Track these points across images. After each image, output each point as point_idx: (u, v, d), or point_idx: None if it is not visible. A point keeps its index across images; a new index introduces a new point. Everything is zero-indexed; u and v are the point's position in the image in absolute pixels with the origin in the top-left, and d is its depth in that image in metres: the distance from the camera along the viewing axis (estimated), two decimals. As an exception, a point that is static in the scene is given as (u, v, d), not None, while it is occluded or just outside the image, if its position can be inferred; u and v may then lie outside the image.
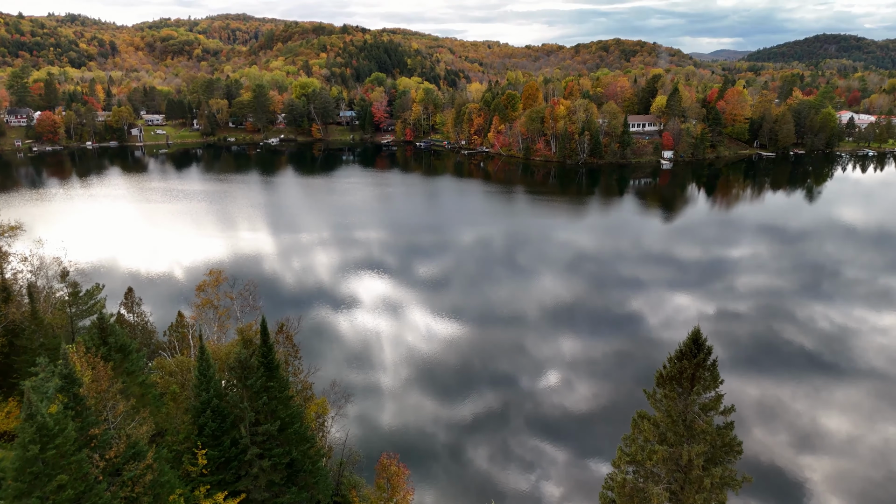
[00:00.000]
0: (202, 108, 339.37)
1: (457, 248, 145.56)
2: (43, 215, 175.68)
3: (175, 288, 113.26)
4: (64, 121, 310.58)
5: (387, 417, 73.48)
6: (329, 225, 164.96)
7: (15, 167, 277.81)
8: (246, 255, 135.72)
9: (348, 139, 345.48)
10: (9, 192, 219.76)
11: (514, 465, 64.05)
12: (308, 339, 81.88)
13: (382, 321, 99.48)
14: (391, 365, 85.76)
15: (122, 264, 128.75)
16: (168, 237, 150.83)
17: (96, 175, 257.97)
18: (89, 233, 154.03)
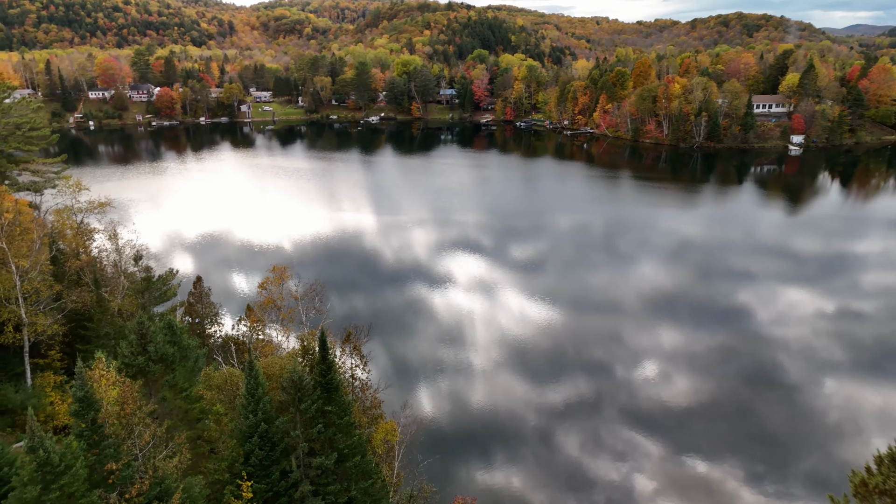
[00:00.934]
0: (307, 86, 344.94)
1: (554, 234, 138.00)
2: (151, 189, 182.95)
3: (254, 274, 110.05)
4: (180, 97, 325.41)
5: (469, 416, 69.66)
6: (423, 208, 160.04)
7: (136, 140, 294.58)
8: (333, 239, 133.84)
9: (447, 118, 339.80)
10: (129, 165, 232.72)
11: (606, 455, 62.73)
12: (382, 344, 78.30)
13: (468, 318, 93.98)
14: (476, 364, 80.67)
15: (206, 245, 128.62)
16: (260, 217, 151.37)
17: (208, 150, 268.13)
18: (184, 210, 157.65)
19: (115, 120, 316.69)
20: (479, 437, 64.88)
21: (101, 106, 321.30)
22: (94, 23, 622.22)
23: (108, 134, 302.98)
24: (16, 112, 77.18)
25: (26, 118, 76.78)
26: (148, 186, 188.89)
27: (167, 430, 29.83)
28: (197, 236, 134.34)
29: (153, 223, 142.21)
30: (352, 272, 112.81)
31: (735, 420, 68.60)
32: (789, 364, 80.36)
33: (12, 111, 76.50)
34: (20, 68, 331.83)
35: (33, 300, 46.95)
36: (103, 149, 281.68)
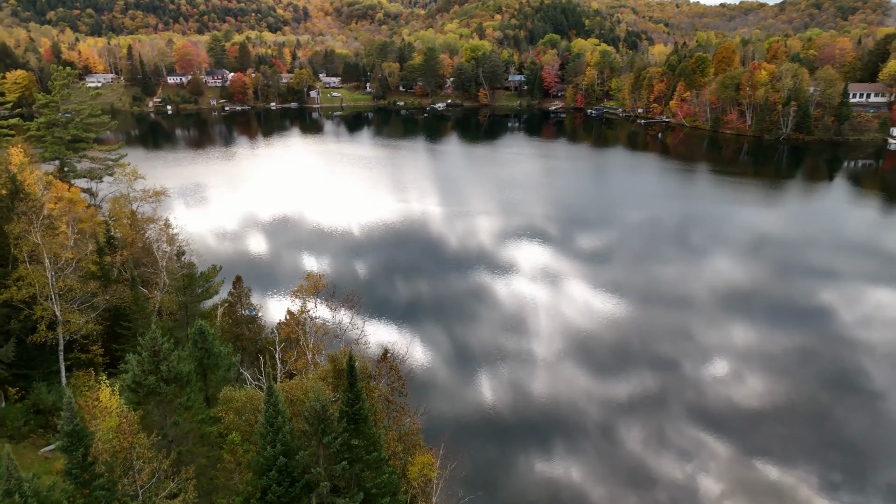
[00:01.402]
0: (375, 72, 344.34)
1: (622, 226, 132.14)
2: (219, 174, 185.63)
3: (309, 269, 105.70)
4: (253, 82, 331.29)
5: (527, 405, 68.00)
6: (486, 200, 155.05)
7: (210, 125, 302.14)
8: (394, 229, 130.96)
9: (515, 105, 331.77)
10: (202, 149, 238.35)
11: (670, 453, 60.60)
12: (426, 359, 74.76)
13: (530, 308, 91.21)
14: (537, 355, 78.49)
15: (263, 235, 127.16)
16: (323, 205, 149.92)
17: (277, 135, 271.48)
18: (246, 198, 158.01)
19: (191, 104, 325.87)
20: (540, 427, 64.12)
21: (178, 91, 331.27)
22: (177, 9, 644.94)
23: (184, 118, 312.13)
24: (75, 99, 77.29)
25: (85, 105, 76.82)
26: (217, 171, 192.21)
27: (174, 464, 26.81)
28: (256, 225, 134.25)
29: (213, 210, 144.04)
30: (411, 262, 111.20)
31: (812, 425, 64.90)
32: (874, 369, 74.74)
33: (72, 97, 76.59)
34: (105, 53, 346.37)
35: (69, 297, 45.51)
36: (179, 132, 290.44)
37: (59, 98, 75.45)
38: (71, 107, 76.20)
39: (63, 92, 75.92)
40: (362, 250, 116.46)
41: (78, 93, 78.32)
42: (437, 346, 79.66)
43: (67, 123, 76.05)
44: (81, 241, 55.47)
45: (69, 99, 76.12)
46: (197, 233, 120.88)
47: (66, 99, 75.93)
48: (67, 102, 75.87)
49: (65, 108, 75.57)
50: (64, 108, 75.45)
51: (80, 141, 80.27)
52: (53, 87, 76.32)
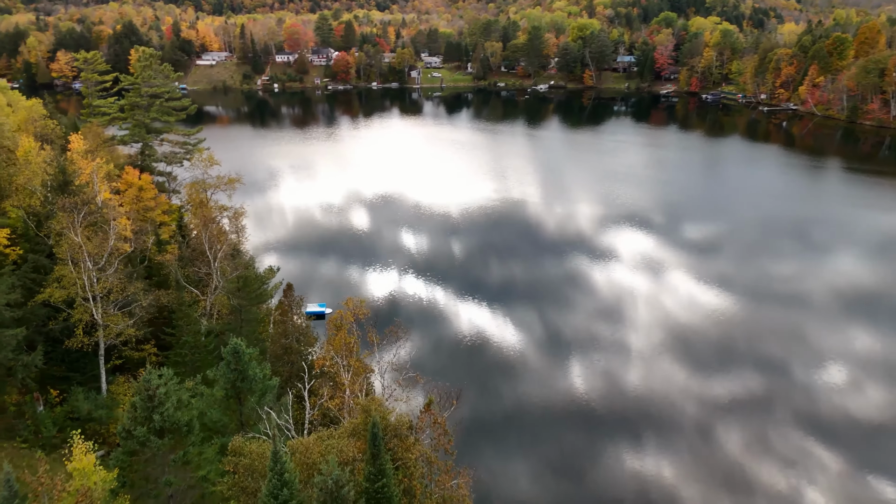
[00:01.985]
0: (477, 51, 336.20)
1: (735, 220, 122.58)
2: (315, 154, 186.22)
3: (365, 278, 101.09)
4: (356, 61, 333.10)
5: (620, 397, 65.86)
6: (586, 191, 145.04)
7: (314, 103, 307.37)
8: (485, 217, 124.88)
9: (622, 88, 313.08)
10: (305, 127, 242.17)
11: (773, 460, 57.32)
12: (484, 399, 67.55)
13: (630, 300, 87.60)
14: (633, 346, 75.04)
15: (345, 224, 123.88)
16: (406, 194, 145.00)
17: (378, 115, 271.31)
18: (336, 181, 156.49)
19: (296, 83, 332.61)
20: (632, 421, 62.03)
21: (285, 69, 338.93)
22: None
23: (289, 96, 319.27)
24: (157, 81, 76.13)
25: (165, 87, 75.46)
26: (313, 153, 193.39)
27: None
28: (341, 212, 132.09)
29: (299, 195, 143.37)
30: (498, 251, 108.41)
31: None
32: None
33: (155, 80, 75.43)
34: (220, 32, 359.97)
35: (110, 300, 42.80)
36: (285, 110, 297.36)
37: (141, 80, 74.71)
38: (152, 89, 75.29)
39: (145, 74, 75.08)
40: (450, 241, 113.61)
41: (158, 75, 77.37)
42: (508, 368, 73.30)
43: (149, 106, 75.23)
44: (142, 233, 53.11)
45: (151, 81, 75.24)
46: (272, 222, 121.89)
47: (148, 81, 75.10)
48: (149, 84, 75.02)
49: (146, 90, 74.76)
50: (145, 91, 74.64)
51: (166, 120, 79.64)
52: (136, 69, 75.72)
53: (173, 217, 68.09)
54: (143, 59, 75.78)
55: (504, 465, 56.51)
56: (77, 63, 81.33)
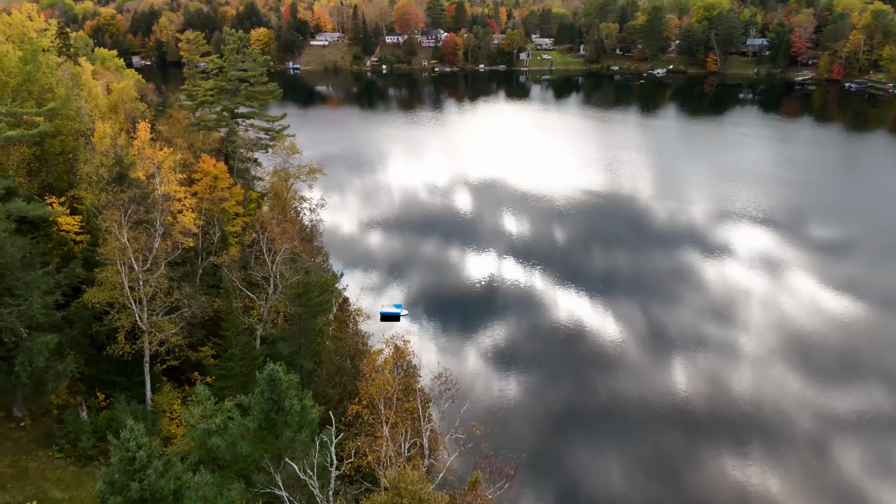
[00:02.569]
0: (591, 33, 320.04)
1: (872, 224, 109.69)
2: (417, 139, 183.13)
3: (455, 267, 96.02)
4: (464, 43, 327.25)
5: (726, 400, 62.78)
6: (700, 190, 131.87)
7: (420, 85, 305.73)
8: (572, 222, 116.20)
9: (750, 74, 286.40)
10: (411, 110, 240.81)
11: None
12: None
13: (743, 299, 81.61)
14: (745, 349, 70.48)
15: (431, 219, 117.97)
16: (498, 188, 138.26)
17: (483, 98, 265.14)
18: (428, 171, 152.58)
19: (404, 65, 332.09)
20: (738, 429, 58.74)
21: (394, 50, 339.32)
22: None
23: (397, 78, 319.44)
24: (247, 65, 73.88)
25: (254, 71, 73.03)
26: (415, 135, 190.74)
27: None
28: (434, 199, 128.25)
29: (393, 181, 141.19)
30: (603, 241, 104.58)
31: None
32: None
33: (244, 63, 73.23)
34: (335, 13, 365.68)
35: (155, 305, 40.02)
36: (392, 92, 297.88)
37: (229, 63, 72.85)
38: (238, 73, 73.23)
39: (233, 57, 73.13)
40: (551, 228, 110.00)
41: (248, 58, 75.27)
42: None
43: (236, 91, 73.35)
44: (211, 225, 50.42)
45: (237, 64, 73.20)
46: (361, 208, 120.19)
47: (236, 64, 73.15)
48: (236, 68, 73.01)
49: (232, 74, 72.82)
50: (233, 75, 72.73)
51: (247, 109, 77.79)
52: (224, 51, 74.03)
53: (251, 207, 66.10)
54: (232, 41, 74.01)
55: (594, 458, 55.55)
56: (181, 44, 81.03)
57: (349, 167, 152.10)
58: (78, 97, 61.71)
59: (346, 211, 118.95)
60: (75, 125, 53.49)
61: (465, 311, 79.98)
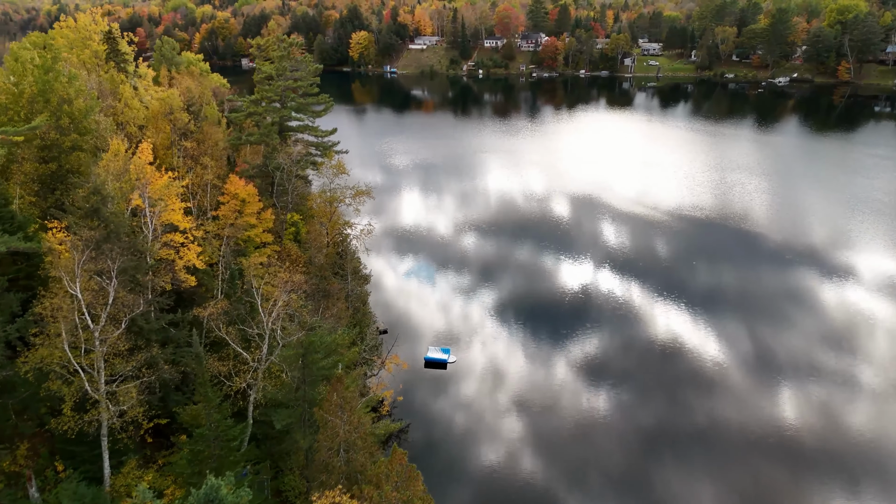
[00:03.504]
0: (705, 37, 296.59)
1: None
2: (499, 148, 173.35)
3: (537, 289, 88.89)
4: (565, 47, 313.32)
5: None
6: (821, 219, 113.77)
7: (517, 91, 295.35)
8: (674, 236, 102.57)
9: (889, 85, 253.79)
10: (506, 117, 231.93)
11: None
12: None
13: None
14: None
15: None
16: (593, 202, 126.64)
17: (583, 106, 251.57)
18: (502, 188, 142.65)
19: (500, 69, 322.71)
20: (849, 463, 54.83)
21: (491, 55, 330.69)
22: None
23: (493, 83, 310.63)
24: (299, 74, 67.42)
25: (303, 81, 66.32)
26: (506, 144, 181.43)
27: None
28: (513, 214, 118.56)
29: (469, 194, 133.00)
30: (708, 256, 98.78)
31: None
32: None
33: (295, 73, 66.78)
34: (434, 16, 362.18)
35: (110, 371, 33.26)
36: (487, 97, 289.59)
37: (276, 71, 66.52)
38: (286, 83, 66.83)
39: (281, 65, 66.75)
40: (651, 240, 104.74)
41: (299, 65, 68.49)
42: None
43: (284, 102, 66.99)
44: (225, 260, 43.70)
45: (286, 74, 66.77)
46: (425, 224, 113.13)
47: (283, 73, 66.79)
48: (285, 77, 66.64)
49: (279, 83, 66.55)
50: (280, 85, 66.48)
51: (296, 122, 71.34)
52: (273, 57, 67.64)
53: (290, 232, 59.40)
54: (281, 46, 67.66)
55: (686, 483, 53.30)
56: (251, 49, 76.45)
57: (426, 177, 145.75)
58: (112, 109, 57.64)
59: (408, 229, 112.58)
60: (93, 140, 48.72)
61: (553, 321, 78.16)
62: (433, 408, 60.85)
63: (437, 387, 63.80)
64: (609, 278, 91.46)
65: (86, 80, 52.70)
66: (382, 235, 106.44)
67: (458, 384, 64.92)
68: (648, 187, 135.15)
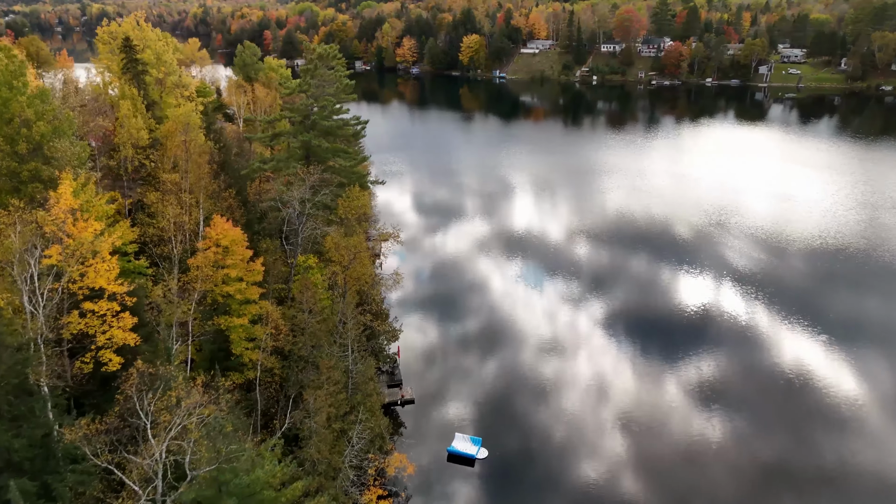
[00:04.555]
0: (859, 43, 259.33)
1: None
2: (607, 164, 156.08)
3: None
4: (691, 53, 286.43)
5: None
6: None
7: (633, 99, 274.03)
8: (807, 259, 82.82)
9: None
10: (619, 127, 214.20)
11: None
12: None
13: None
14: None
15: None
16: (708, 230, 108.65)
17: (707, 118, 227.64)
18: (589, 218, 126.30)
19: (617, 76, 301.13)
20: None
21: (608, 60, 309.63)
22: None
23: (607, 90, 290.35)
24: (330, 89, 56.80)
25: (326, 102, 55.44)
26: (617, 159, 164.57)
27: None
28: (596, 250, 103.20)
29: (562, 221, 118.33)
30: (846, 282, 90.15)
31: None
32: None
33: (327, 88, 56.19)
34: (550, 19, 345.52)
35: None
36: (600, 105, 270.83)
37: (303, 88, 55.80)
38: (320, 101, 56.04)
39: (309, 82, 55.83)
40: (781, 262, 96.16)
41: (330, 82, 57.21)
42: None
43: (309, 124, 56.23)
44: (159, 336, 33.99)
45: (323, 90, 55.63)
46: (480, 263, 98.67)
47: (309, 90, 56.03)
48: (322, 91, 55.81)
49: (305, 103, 56.06)
50: (302, 104, 56.01)
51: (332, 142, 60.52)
52: (301, 73, 56.71)
53: (297, 280, 48.68)
54: (311, 59, 56.65)
55: None
56: (312, 56, 67.79)
57: (523, 196, 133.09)
58: (101, 129, 50.15)
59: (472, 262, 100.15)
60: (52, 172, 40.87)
61: (668, 339, 73.87)
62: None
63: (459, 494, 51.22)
64: (728, 297, 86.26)
65: (73, 94, 45.98)
66: (445, 267, 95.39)
67: (486, 488, 51.78)
68: (782, 213, 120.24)
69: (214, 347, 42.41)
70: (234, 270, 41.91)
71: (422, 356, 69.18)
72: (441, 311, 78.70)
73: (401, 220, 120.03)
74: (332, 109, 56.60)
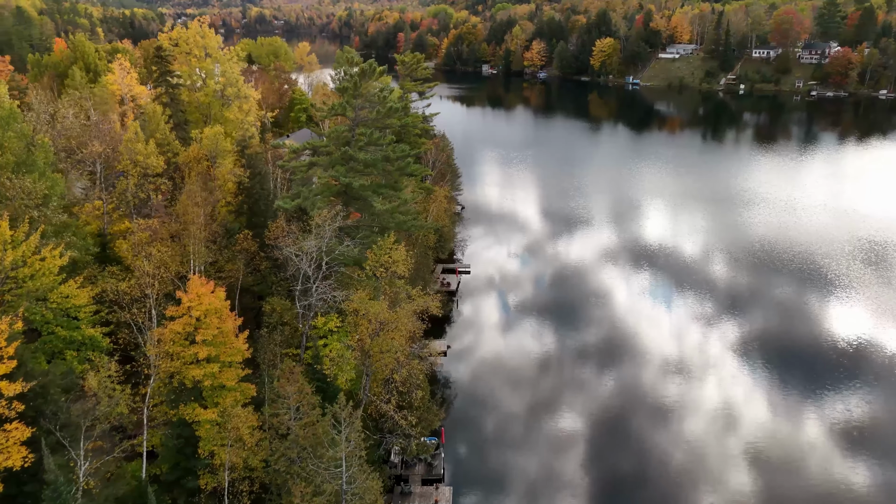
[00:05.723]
0: None
1: None
2: (747, 192, 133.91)
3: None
4: (862, 60, 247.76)
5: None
6: None
7: (787, 111, 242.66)
8: None
9: None
10: (768, 142, 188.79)
11: None
12: None
13: None
14: None
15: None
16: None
17: (879, 136, 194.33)
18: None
19: (769, 85, 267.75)
20: None
21: (759, 67, 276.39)
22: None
23: (756, 100, 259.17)
24: (374, 114, 45.61)
25: (368, 137, 43.78)
26: (763, 181, 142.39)
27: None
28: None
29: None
30: None
31: None
32: None
33: (369, 112, 45.06)
34: (695, 21, 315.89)
35: None
36: (747, 117, 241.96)
37: (339, 110, 44.78)
38: (347, 129, 44.87)
39: (346, 101, 44.55)
40: None
41: (375, 103, 45.32)
42: None
43: (350, 159, 44.53)
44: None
45: (385, 114, 43.74)
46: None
47: (385, 118, 44.02)
48: (359, 119, 44.46)
49: (341, 128, 45.04)
50: (340, 129, 45.02)
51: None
52: (343, 87, 45.31)
53: (309, 354, 38.00)
54: (348, 75, 45.15)
55: None
56: (398, 66, 57.72)
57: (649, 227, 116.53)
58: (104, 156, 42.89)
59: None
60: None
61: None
62: None
63: None
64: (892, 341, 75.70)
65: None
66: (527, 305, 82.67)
67: None
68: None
69: (181, 442, 33.30)
70: (205, 349, 32.53)
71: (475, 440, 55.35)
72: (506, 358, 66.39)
73: (494, 241, 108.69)
74: (372, 139, 45.14)
